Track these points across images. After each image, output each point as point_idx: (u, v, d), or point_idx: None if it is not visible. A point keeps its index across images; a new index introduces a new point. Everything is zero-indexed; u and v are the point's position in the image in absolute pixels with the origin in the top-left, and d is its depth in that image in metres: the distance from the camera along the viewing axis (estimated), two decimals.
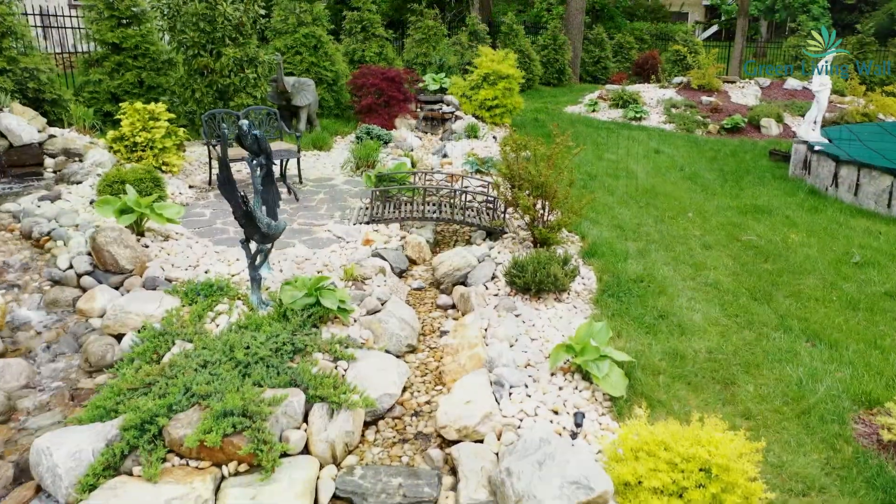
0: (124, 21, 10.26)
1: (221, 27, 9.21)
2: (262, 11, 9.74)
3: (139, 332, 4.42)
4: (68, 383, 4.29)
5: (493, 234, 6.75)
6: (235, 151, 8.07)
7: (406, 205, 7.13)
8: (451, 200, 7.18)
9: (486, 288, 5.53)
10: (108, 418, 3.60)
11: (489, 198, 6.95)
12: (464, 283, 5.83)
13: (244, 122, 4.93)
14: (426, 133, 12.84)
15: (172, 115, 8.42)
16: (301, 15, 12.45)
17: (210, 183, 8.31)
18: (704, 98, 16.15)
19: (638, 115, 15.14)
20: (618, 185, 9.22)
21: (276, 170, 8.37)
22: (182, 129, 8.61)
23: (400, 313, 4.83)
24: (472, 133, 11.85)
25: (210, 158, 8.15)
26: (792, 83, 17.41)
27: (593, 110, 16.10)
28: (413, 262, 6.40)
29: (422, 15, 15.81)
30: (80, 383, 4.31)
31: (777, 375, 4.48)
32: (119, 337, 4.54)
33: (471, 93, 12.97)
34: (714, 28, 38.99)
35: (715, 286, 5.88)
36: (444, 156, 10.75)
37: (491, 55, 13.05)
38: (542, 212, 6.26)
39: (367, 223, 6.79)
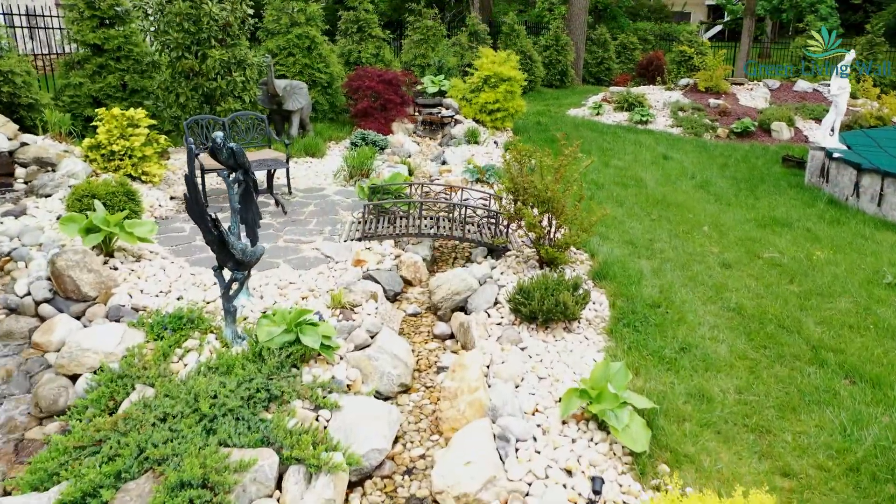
0: (107, 21, 9.75)
1: (207, 28, 8.70)
2: (251, 11, 9.22)
3: (96, 373, 3.91)
4: (14, 432, 3.78)
5: (495, 251, 6.24)
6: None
7: (401, 219, 6.62)
8: (450, 214, 6.68)
9: (488, 315, 5.02)
10: (50, 483, 3.09)
11: (491, 212, 6.44)
12: (463, 309, 5.32)
13: (218, 135, 4.43)
14: (424, 138, 12.33)
15: (154, 122, 7.91)
16: (294, 15, 11.94)
17: None
18: (712, 101, 15.64)
19: (644, 119, 14.62)
20: (627, 196, 8.70)
21: (263, 180, 7.85)
22: (164, 136, 8.10)
23: (392, 348, 4.32)
24: (472, 138, 11.35)
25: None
26: (802, 85, 16.90)
27: (597, 113, 15.59)
28: (408, 282, 5.89)
29: (420, 15, 15.29)
30: (29, 432, 3.80)
31: (817, 421, 3.96)
32: (74, 378, 4.03)
33: (471, 96, 12.47)
34: (717, 28, 38.50)
35: (738, 311, 5.37)
36: (444, 163, 10.25)
37: (492, 57, 12.54)
38: (548, 229, 5.75)
39: (359, 240, 6.28)
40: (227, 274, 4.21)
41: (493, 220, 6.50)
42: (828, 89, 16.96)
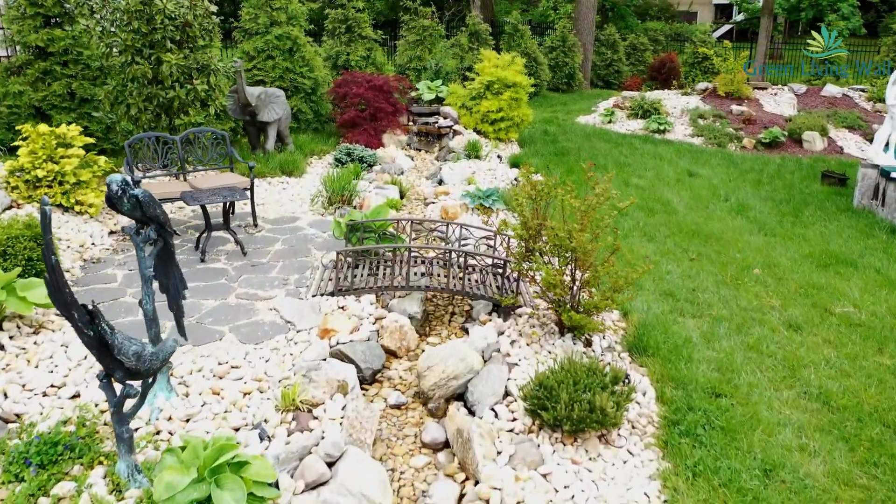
0: (53, 20, 8.46)
1: (161, 27, 7.40)
2: (214, 8, 7.92)
3: None
4: None
5: (502, 306, 4.94)
6: (166, 189, 6.25)
7: (385, 267, 5.32)
8: (447, 257, 5.39)
9: (496, 415, 3.72)
10: None
11: (497, 260, 5.13)
12: (462, 397, 4.04)
13: (114, 178, 3.14)
14: (419, 151, 11.03)
15: (91, 140, 6.61)
16: (274, 13, 10.64)
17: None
18: (735, 107, 14.34)
19: (661, 128, 13.32)
20: (655, 225, 7.40)
21: (220, 214, 6.54)
22: (104, 157, 6.80)
23: (361, 485, 3.01)
24: (472, 152, 10.05)
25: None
26: (830, 89, 15.59)
27: (609, 121, 14.28)
28: (392, 353, 4.60)
29: (416, 13, 13.96)
30: None
31: None
32: None
33: (471, 104, 11.17)
34: (725, 28, 37.17)
35: (825, 401, 4.07)
36: (440, 182, 8.95)
37: (495, 60, 11.24)
38: (571, 286, 4.44)
39: (332, 294, 4.98)
40: (117, 387, 2.91)
41: (499, 268, 5.21)
42: (860, 94, 15.74)
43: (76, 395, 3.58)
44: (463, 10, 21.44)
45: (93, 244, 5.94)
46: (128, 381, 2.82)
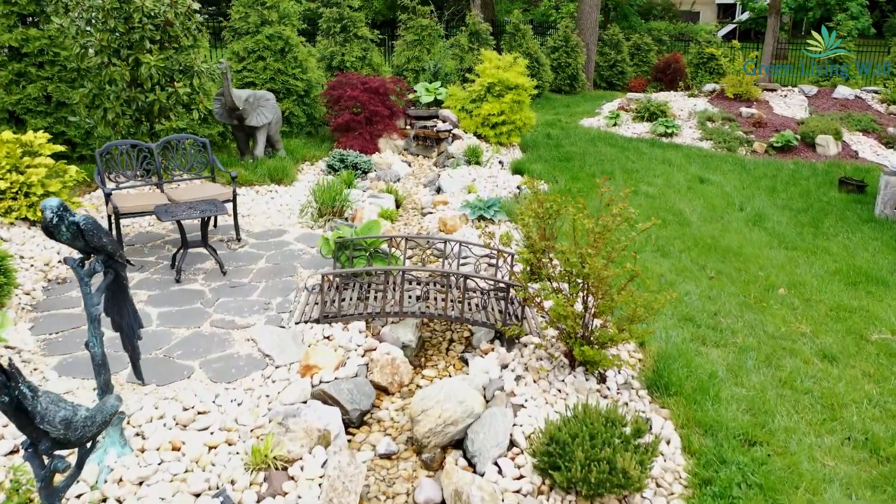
0: (28, 19, 7.98)
1: (140, 26, 6.91)
2: (196, 6, 7.43)
3: None
4: None
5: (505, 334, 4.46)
6: (138, 202, 5.76)
7: (376, 291, 4.84)
8: (445, 280, 4.91)
9: (500, 471, 3.24)
10: None
11: (500, 283, 4.64)
12: (461, 445, 3.56)
13: (49, 204, 2.66)
14: (417, 156, 10.54)
15: (62, 148, 6.14)
16: (265, 12, 10.15)
17: None
18: (744, 110, 13.85)
19: (669, 131, 12.83)
20: (668, 239, 6.91)
21: (198, 227, 6.05)
22: (75, 167, 6.32)
23: None
24: (472, 157, 9.57)
25: (109, 215, 5.84)
26: (843, 91, 15.10)
27: (615, 124, 13.79)
28: (383, 389, 4.11)
29: (415, 12, 13.47)
30: None
31: None
32: None
33: (472, 106, 10.68)
34: (728, 27, 36.67)
35: (872, 450, 3.58)
36: (438, 190, 8.47)
37: (496, 60, 10.76)
38: (584, 315, 3.95)
39: (317, 321, 4.50)
40: (45, 458, 2.42)
41: (502, 291, 4.72)
42: (873, 96, 15.25)
43: (13, 451, 3.09)
44: (463, 10, 20.96)
45: (60, 262, 5.45)
46: (56, 453, 2.34)
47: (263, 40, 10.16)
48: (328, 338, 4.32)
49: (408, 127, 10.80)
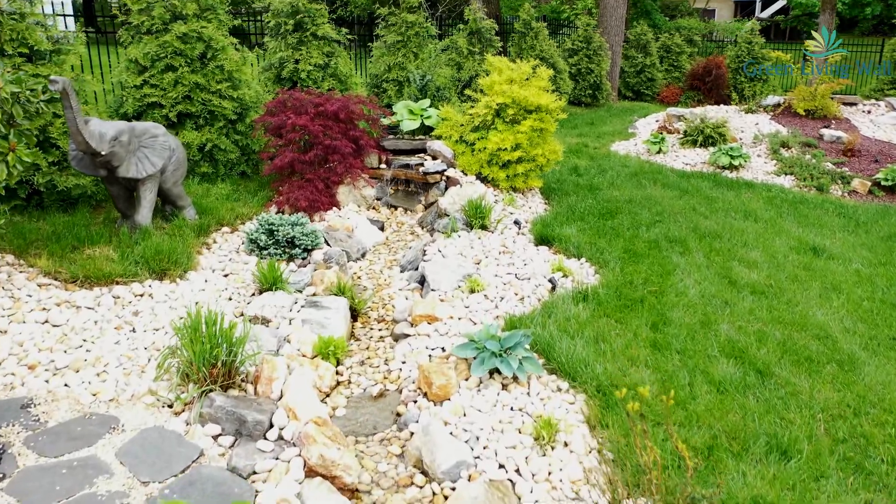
0: None
1: None
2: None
3: None
4: None
5: None
6: None
7: None
8: None
9: None
10: None
11: None
12: None
13: None
14: (395, 209, 7.38)
15: None
16: (177, 3, 6.98)
17: None
18: (826, 132, 10.70)
19: (736, 163, 9.66)
20: (831, 408, 3.72)
21: None
22: None
23: None
24: (475, 218, 6.40)
25: None
26: None
27: (659, 150, 10.61)
28: None
29: (397, 5, 10.25)
30: None
31: None
32: None
33: (474, 137, 7.51)
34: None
35: None
36: (422, 282, 5.32)
37: (508, 71, 7.58)
38: None
39: None
40: None
41: None
42: None
43: None
44: (460, 6, 17.74)
45: None
46: None
47: (173, 42, 6.97)
48: None
49: (382, 166, 7.61)
